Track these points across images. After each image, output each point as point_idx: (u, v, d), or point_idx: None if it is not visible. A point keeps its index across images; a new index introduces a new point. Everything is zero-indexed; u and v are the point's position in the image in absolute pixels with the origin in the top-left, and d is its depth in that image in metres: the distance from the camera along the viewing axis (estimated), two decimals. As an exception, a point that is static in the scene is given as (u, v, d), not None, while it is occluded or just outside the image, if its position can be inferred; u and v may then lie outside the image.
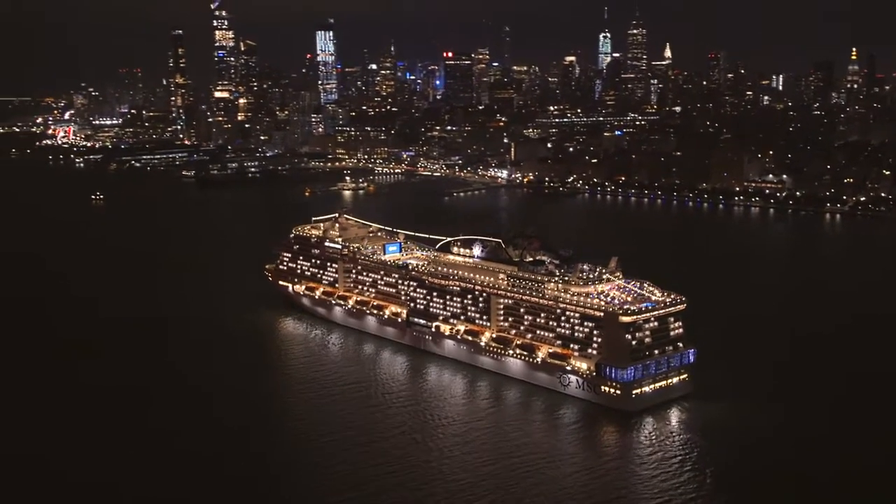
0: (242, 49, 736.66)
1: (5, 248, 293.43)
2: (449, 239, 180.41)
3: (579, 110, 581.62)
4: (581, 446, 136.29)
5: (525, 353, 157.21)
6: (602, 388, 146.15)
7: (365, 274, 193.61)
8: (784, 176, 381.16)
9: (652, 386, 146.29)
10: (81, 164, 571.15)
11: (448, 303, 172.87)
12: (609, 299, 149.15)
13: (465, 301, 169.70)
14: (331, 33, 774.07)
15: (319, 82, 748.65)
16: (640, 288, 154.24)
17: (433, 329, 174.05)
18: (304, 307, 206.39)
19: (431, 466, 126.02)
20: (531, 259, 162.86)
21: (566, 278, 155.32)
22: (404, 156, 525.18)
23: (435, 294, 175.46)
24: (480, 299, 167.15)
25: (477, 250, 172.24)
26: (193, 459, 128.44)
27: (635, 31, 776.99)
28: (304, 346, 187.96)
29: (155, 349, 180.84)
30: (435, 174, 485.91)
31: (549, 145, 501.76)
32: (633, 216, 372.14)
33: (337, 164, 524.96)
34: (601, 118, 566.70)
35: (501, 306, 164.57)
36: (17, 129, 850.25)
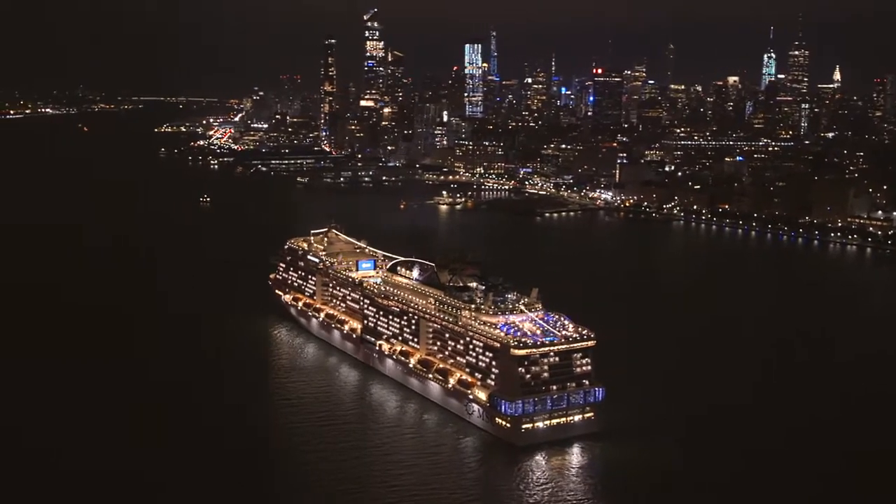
0: (390, 59, 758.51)
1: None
2: (398, 259, 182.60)
3: (708, 133, 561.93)
4: (468, 478, 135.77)
5: (441, 377, 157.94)
6: (496, 419, 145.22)
7: (337, 289, 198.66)
8: (894, 213, 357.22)
9: (547, 422, 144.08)
10: (216, 166, 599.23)
11: (390, 323, 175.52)
12: (511, 331, 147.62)
13: (402, 322, 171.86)
14: (479, 46, 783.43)
15: (465, 94, 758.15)
16: (554, 321, 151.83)
17: (378, 347, 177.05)
18: (292, 317, 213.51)
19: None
20: (460, 285, 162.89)
21: (480, 306, 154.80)
22: (521, 172, 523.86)
23: (381, 313, 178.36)
24: (413, 321, 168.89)
25: (416, 273, 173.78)
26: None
27: (797, 53, 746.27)
28: (275, 354, 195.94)
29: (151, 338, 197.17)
30: (539, 192, 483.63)
31: (667, 168, 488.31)
32: (705, 249, 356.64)
33: (451, 177, 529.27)
34: (730, 142, 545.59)
35: (430, 330, 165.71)
36: (184, 129, 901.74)
